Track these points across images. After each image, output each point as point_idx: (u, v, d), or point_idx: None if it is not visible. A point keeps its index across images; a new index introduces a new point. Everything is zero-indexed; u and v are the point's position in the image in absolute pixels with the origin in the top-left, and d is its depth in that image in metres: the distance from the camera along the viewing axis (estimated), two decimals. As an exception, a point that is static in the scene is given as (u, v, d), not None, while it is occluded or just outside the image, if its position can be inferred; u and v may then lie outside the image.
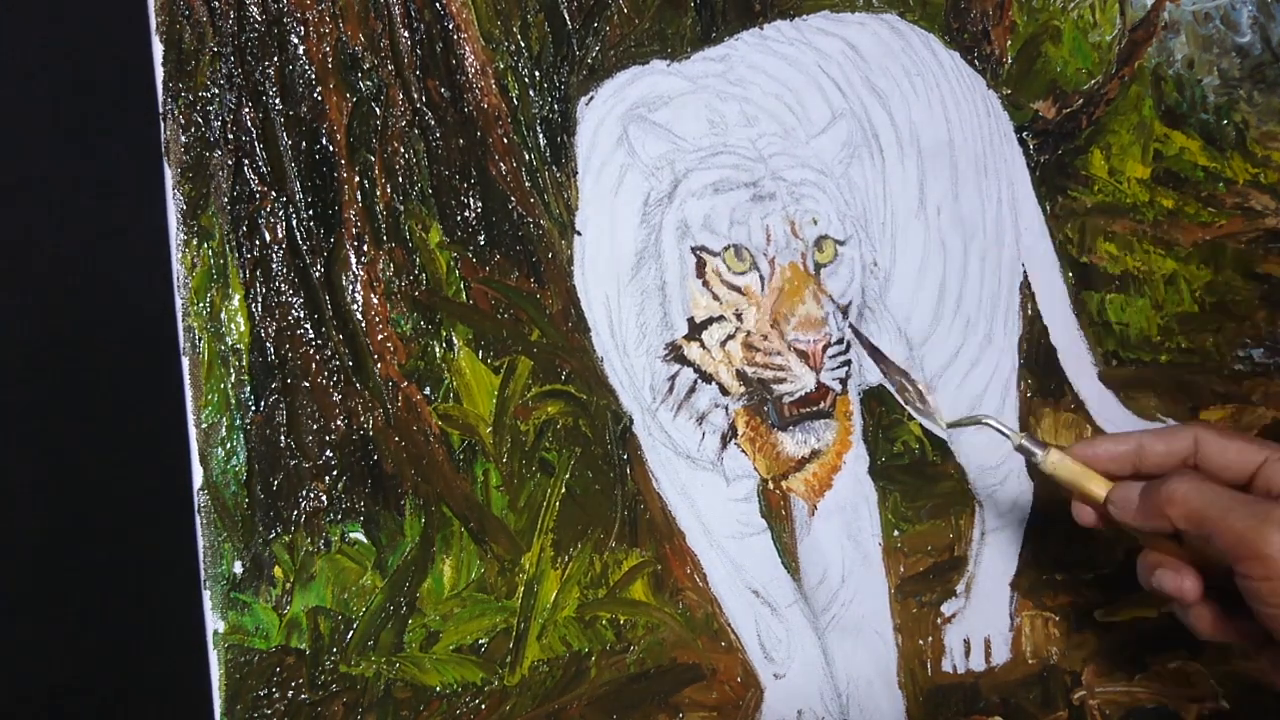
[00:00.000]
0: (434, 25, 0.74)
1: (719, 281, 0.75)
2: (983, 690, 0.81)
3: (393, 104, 0.73)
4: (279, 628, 0.68)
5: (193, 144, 0.69)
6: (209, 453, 0.68)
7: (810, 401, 0.76)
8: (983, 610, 0.81)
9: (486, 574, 0.72)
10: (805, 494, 0.78)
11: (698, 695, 0.75)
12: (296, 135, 0.71)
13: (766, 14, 0.81)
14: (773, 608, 0.77)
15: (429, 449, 0.71)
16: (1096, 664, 0.83)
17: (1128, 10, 0.90)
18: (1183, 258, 0.89)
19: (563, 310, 0.75)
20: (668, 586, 0.75)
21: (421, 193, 0.73)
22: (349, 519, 0.70)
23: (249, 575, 0.68)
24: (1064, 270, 0.86)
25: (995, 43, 0.86)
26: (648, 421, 0.76)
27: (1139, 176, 0.89)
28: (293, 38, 0.71)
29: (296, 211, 0.71)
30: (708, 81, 0.79)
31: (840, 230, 0.78)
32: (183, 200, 0.69)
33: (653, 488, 0.75)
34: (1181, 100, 0.91)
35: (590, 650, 0.73)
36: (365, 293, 0.71)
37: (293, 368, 0.70)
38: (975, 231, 0.84)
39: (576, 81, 0.76)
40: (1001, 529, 0.83)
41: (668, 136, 0.76)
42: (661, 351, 0.76)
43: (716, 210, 0.76)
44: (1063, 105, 0.88)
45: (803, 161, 0.78)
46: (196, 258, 0.69)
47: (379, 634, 0.70)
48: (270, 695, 0.67)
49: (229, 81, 0.70)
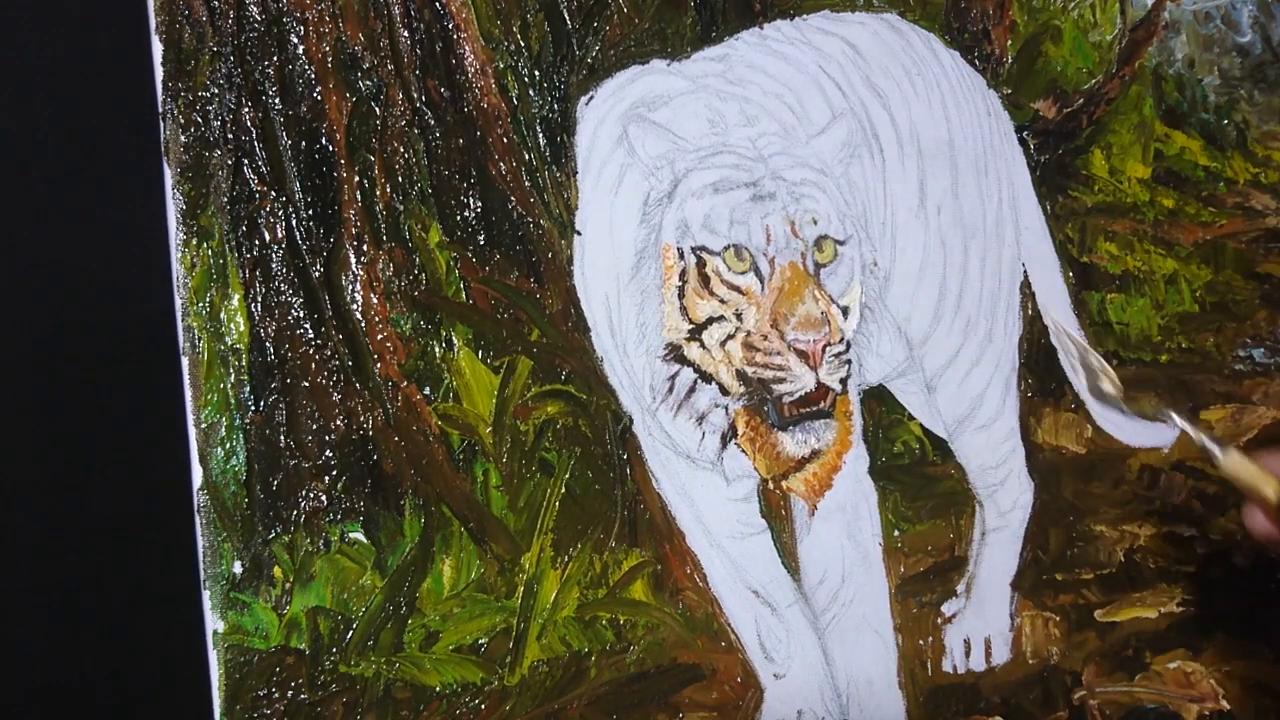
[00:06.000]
0: (434, 25, 0.74)
1: (719, 281, 0.75)
2: (983, 690, 0.81)
3: (392, 104, 0.73)
4: (279, 628, 0.68)
5: (192, 144, 0.69)
6: (209, 453, 0.68)
7: (810, 401, 0.76)
8: (983, 610, 0.81)
9: (486, 574, 0.72)
10: (805, 494, 0.78)
11: (698, 695, 0.75)
12: (296, 135, 0.71)
13: (766, 14, 0.81)
14: (773, 608, 0.77)
15: (429, 449, 0.71)
16: (1096, 664, 0.83)
17: (1128, 10, 0.90)
18: (1183, 258, 0.89)
19: (563, 310, 0.75)
20: (668, 586, 0.75)
21: (421, 193, 0.73)
22: (349, 519, 0.70)
23: (249, 575, 0.68)
24: (1064, 270, 0.86)
25: (995, 42, 0.86)
26: (648, 421, 0.75)
27: (1139, 176, 0.89)
28: (292, 37, 0.71)
29: (296, 211, 0.71)
30: (708, 81, 0.79)
31: (840, 230, 0.78)
32: (182, 200, 0.69)
33: (653, 488, 0.75)
34: (1182, 100, 0.91)
35: (590, 650, 0.73)
36: (365, 293, 0.71)
37: (292, 368, 0.70)
38: (975, 231, 0.84)
39: (576, 81, 0.76)
40: (1001, 529, 0.83)
41: (668, 136, 0.76)
42: (661, 351, 0.76)
43: (716, 210, 0.75)
44: (1063, 105, 0.88)
45: (803, 161, 0.78)
46: (196, 258, 0.69)
47: (379, 634, 0.70)
48: (270, 695, 0.67)
49: (229, 81, 0.70)
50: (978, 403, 0.83)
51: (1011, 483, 0.83)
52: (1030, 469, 0.84)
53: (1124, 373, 0.86)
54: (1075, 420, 0.84)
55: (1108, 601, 0.84)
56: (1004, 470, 0.83)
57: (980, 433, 0.83)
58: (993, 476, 0.83)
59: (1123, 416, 0.81)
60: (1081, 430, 0.85)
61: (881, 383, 0.81)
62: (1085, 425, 0.84)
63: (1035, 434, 0.84)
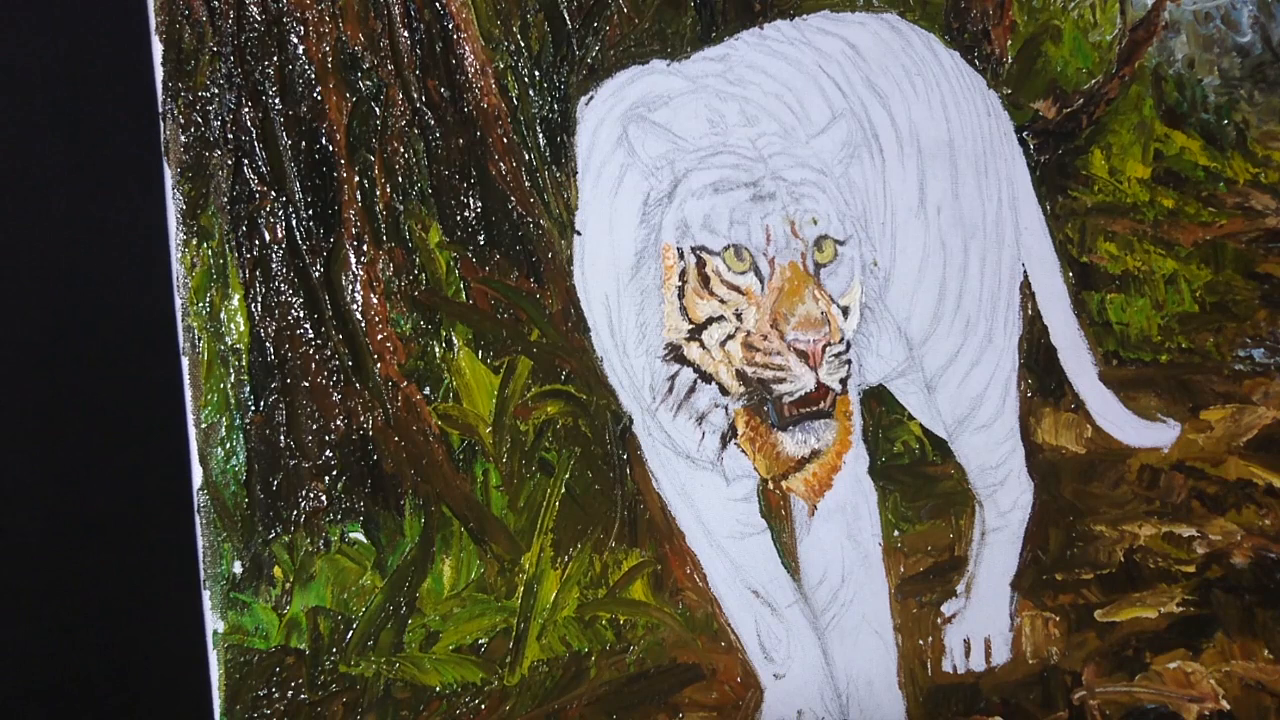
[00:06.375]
0: (434, 25, 0.74)
1: (719, 281, 0.75)
2: (983, 690, 0.81)
3: (393, 104, 0.73)
4: (279, 628, 0.68)
5: (193, 144, 0.69)
6: (209, 453, 0.68)
7: (810, 401, 0.76)
8: (983, 610, 0.81)
9: (486, 574, 0.72)
10: (805, 494, 0.78)
11: (698, 695, 0.75)
12: (296, 135, 0.71)
13: (766, 14, 0.81)
14: (773, 608, 0.77)
15: (429, 449, 0.71)
16: (1096, 664, 0.83)
17: (1128, 10, 0.90)
18: (1183, 258, 0.89)
19: (563, 310, 0.75)
20: (668, 586, 0.75)
21: (421, 193, 0.73)
22: (349, 519, 0.70)
23: (249, 575, 0.68)
24: (1064, 270, 0.86)
25: (995, 42, 0.86)
26: (648, 421, 0.75)
27: (1139, 176, 0.89)
28: (292, 37, 0.71)
29: (296, 211, 0.71)
30: (707, 81, 0.79)
31: (840, 230, 0.78)
32: (183, 200, 0.69)
33: (653, 488, 0.75)
34: (1182, 100, 0.91)
35: (590, 650, 0.73)
36: (365, 293, 0.71)
37: (292, 368, 0.70)
38: (975, 231, 0.84)
39: (576, 81, 0.76)
40: (1001, 529, 0.83)
41: (668, 136, 0.76)
42: (661, 351, 0.76)
43: (716, 210, 0.75)
44: (1063, 105, 0.88)
45: (802, 161, 0.78)
46: (196, 258, 0.69)
47: (379, 634, 0.70)
48: (270, 695, 0.67)
49: (229, 81, 0.70)
50: (978, 403, 0.83)
51: (1011, 483, 0.83)
52: (1030, 469, 0.84)
53: (1124, 372, 0.86)
54: (1075, 420, 0.84)
55: (1108, 601, 0.84)
56: (1004, 470, 0.83)
57: (980, 433, 0.83)
58: (993, 476, 0.83)
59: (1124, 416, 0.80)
60: (1081, 430, 0.85)
61: (881, 383, 0.81)
62: (1085, 425, 0.84)
63: (1035, 434, 0.84)
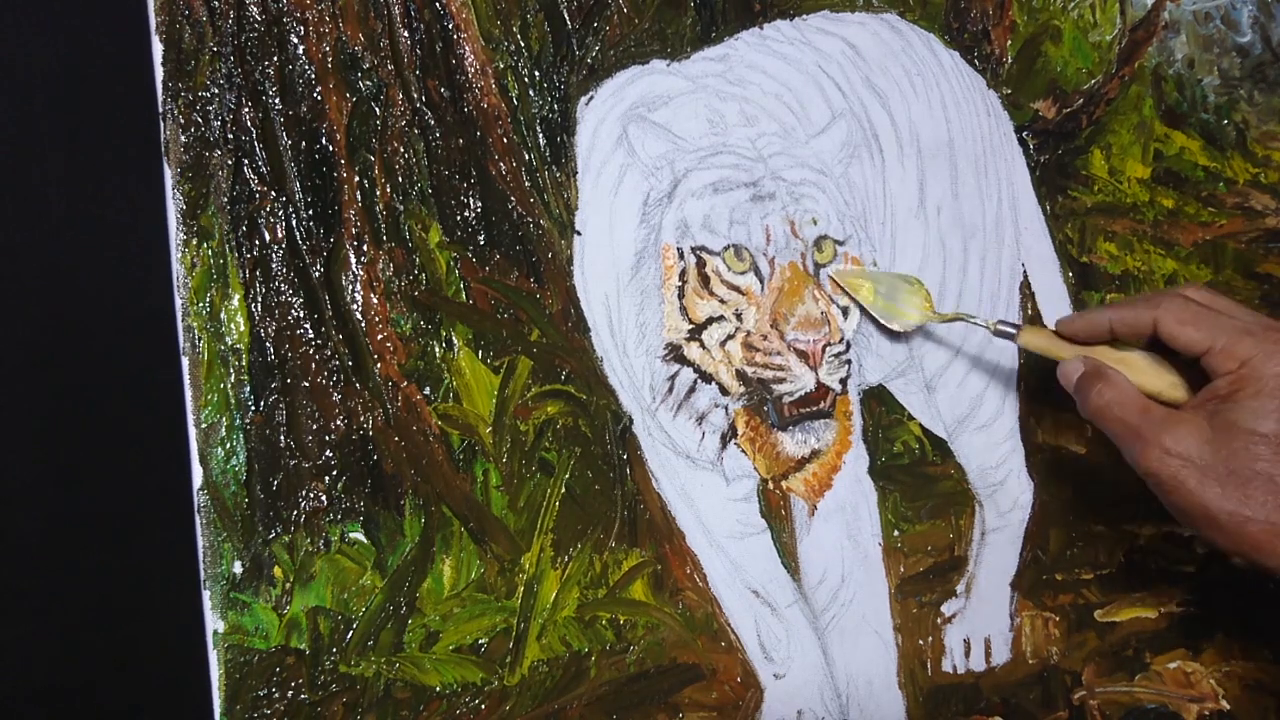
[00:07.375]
0: (434, 25, 0.74)
1: (719, 281, 0.75)
2: (983, 690, 0.81)
3: (392, 104, 0.73)
4: (279, 628, 0.68)
5: (192, 143, 0.69)
6: (209, 453, 0.68)
7: (810, 401, 0.76)
8: (983, 610, 0.81)
9: (486, 574, 0.72)
10: (805, 494, 0.78)
11: (698, 695, 0.75)
12: (296, 135, 0.71)
13: (766, 14, 0.81)
14: (773, 608, 0.77)
15: (429, 449, 0.71)
16: (1096, 664, 0.83)
17: (1128, 10, 0.90)
18: (1183, 258, 0.89)
19: (562, 310, 0.75)
20: (667, 586, 0.75)
21: (421, 193, 0.73)
22: (349, 519, 0.70)
23: (249, 575, 0.68)
24: (1064, 270, 0.86)
25: (995, 42, 0.86)
26: (648, 421, 0.76)
27: (1139, 176, 0.89)
28: (292, 37, 0.71)
29: (296, 211, 0.71)
30: (707, 81, 0.79)
31: (840, 230, 0.78)
32: (182, 200, 0.69)
33: (652, 488, 0.75)
34: (1182, 100, 0.91)
35: (590, 650, 0.73)
36: (365, 293, 0.71)
37: (292, 368, 0.70)
38: (975, 231, 0.84)
39: (576, 81, 0.76)
40: (1001, 529, 0.83)
41: (667, 136, 0.76)
42: (661, 351, 0.76)
43: (716, 210, 0.75)
44: (1063, 105, 0.88)
45: (802, 161, 0.78)
46: (196, 257, 0.69)
47: (379, 634, 0.70)
48: (270, 695, 0.67)
49: (229, 81, 0.70)
50: (977, 403, 0.83)
51: (1011, 483, 0.83)
52: (1030, 469, 0.84)
53: (1124, 373, 0.86)
54: (1075, 420, 0.84)
55: (1108, 601, 0.84)
56: (1004, 470, 0.83)
57: (980, 433, 0.83)
58: (992, 476, 0.83)
59: None
60: (1081, 430, 0.85)
61: (881, 383, 0.81)
62: (1085, 425, 0.84)
63: (1035, 434, 0.84)
